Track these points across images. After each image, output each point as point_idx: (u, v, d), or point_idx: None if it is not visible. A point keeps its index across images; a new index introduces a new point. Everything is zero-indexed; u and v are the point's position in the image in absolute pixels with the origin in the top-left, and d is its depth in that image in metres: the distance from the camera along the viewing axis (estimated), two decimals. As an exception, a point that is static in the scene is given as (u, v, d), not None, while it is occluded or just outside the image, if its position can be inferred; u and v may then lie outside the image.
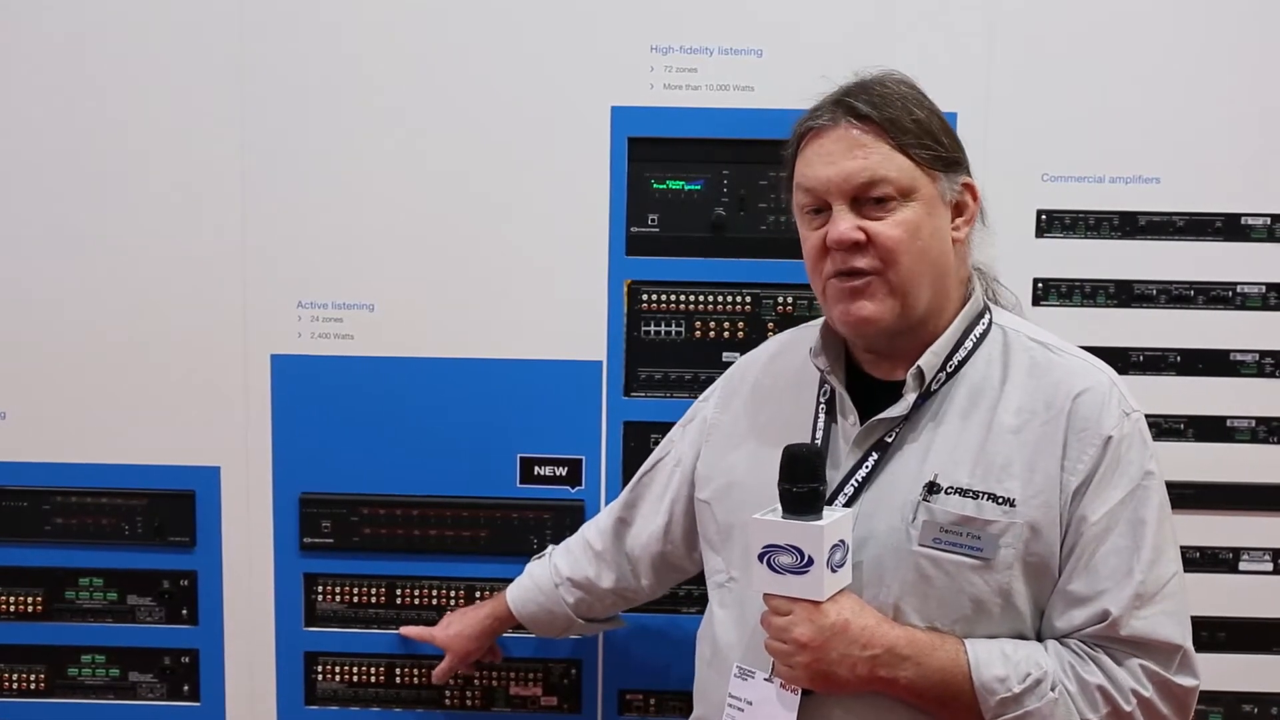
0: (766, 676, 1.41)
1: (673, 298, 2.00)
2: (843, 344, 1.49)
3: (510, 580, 2.02)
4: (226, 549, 2.05)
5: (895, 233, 1.36)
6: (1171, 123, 1.95)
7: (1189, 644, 1.35)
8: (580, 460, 2.03)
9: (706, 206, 1.99)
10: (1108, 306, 1.99)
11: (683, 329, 2.01)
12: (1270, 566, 2.01)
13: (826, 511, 1.33)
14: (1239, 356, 1.98)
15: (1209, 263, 1.97)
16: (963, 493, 1.35)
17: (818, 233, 1.40)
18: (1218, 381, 1.98)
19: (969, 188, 1.44)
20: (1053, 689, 1.31)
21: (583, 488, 2.03)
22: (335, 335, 2.02)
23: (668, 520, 1.70)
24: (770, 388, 1.58)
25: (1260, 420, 1.99)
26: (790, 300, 2.00)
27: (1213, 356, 1.98)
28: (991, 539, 1.34)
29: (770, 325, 2.00)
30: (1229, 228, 1.97)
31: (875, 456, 1.40)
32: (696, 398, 1.99)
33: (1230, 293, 1.98)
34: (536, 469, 2.03)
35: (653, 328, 2.01)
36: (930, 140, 1.38)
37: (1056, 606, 1.36)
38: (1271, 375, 1.98)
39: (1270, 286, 1.98)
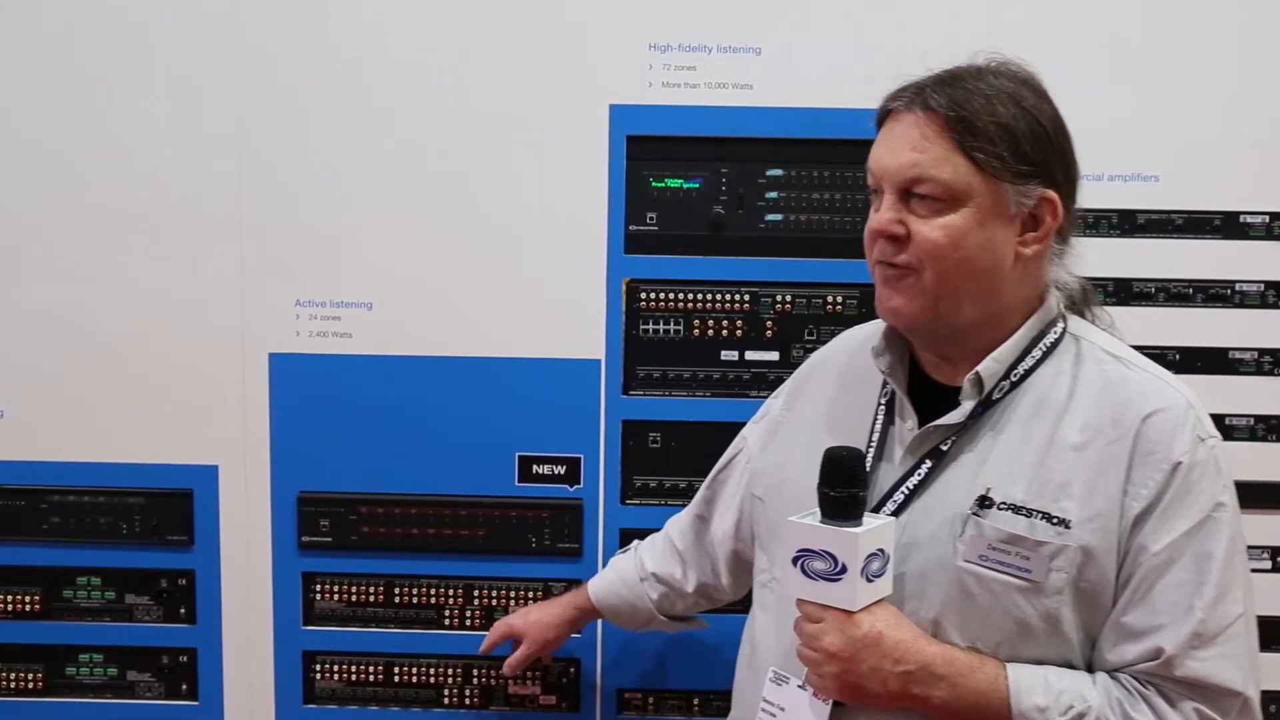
0: (800, 684, 1.36)
1: (671, 296, 2.00)
2: (907, 345, 1.43)
3: (510, 579, 2.03)
4: (224, 548, 2.05)
5: (935, 235, 1.29)
6: (1170, 121, 1.95)
7: (1252, 692, 1.26)
8: (579, 459, 2.02)
9: (705, 205, 1.99)
10: (1107, 304, 1.96)
11: (681, 327, 2.01)
12: (1269, 565, 2.01)
13: (867, 518, 1.28)
14: (1238, 355, 1.98)
15: (1208, 261, 1.97)
16: (1016, 509, 1.28)
17: (872, 216, 1.35)
18: (1217, 380, 1.98)
19: (1047, 201, 1.31)
20: None
21: (581, 486, 2.02)
22: (333, 334, 2.02)
23: (738, 517, 1.66)
24: (834, 385, 1.52)
25: (1259, 418, 1.99)
26: (789, 299, 2.00)
27: (1212, 355, 1.98)
28: (1042, 561, 1.26)
29: (769, 324, 2.00)
30: (1228, 226, 1.97)
31: (929, 464, 1.34)
32: (694, 396, 2.00)
33: (1229, 291, 1.98)
34: (535, 468, 2.03)
35: (651, 326, 2.01)
36: (1004, 146, 1.28)
37: (1108, 638, 1.29)
38: (1270, 373, 1.98)
39: (1269, 285, 1.97)
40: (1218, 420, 1.96)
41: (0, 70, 1.97)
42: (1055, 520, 1.27)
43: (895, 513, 1.33)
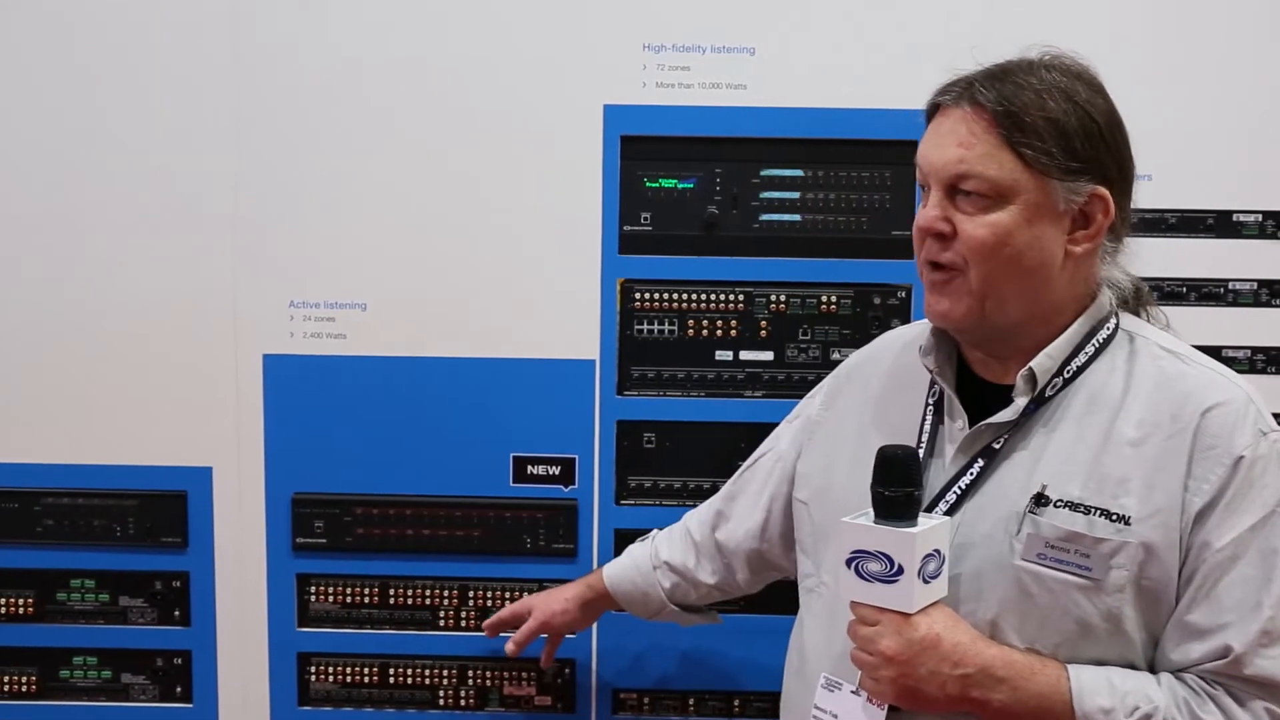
0: (854, 689, 1.34)
1: (666, 296, 2.00)
2: (954, 344, 1.41)
3: (505, 580, 2.02)
4: (219, 550, 2.04)
5: (980, 233, 1.27)
6: (1163, 120, 1.95)
7: None
8: (574, 459, 2.02)
9: (699, 205, 1.99)
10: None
11: (676, 327, 2.01)
12: (1263, 563, 2.01)
13: (922, 518, 1.26)
14: (1231, 354, 1.98)
15: (1201, 260, 1.98)
16: (1073, 506, 1.26)
17: (920, 213, 1.33)
18: (1210, 378, 1.98)
19: (1099, 198, 1.29)
20: None
21: (576, 487, 2.02)
22: (328, 335, 2.01)
23: (765, 517, 1.64)
24: (878, 387, 1.50)
25: (1253, 417, 1.99)
26: (783, 298, 2.00)
27: (1205, 353, 1.97)
28: (1102, 558, 1.24)
29: (763, 324, 2.00)
30: (1221, 225, 1.97)
31: (981, 463, 1.32)
32: (689, 396, 2.00)
33: (1223, 290, 1.98)
34: (530, 468, 2.02)
35: (646, 326, 2.01)
36: (1054, 142, 1.26)
37: (1172, 637, 1.26)
38: (1264, 371, 1.98)
39: (1262, 283, 1.98)
40: (1212, 418, 1.98)
41: (-8, 71, 1.97)
42: (1115, 517, 1.25)
43: (948, 513, 1.31)
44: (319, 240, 1.99)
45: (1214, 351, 1.95)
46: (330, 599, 2.06)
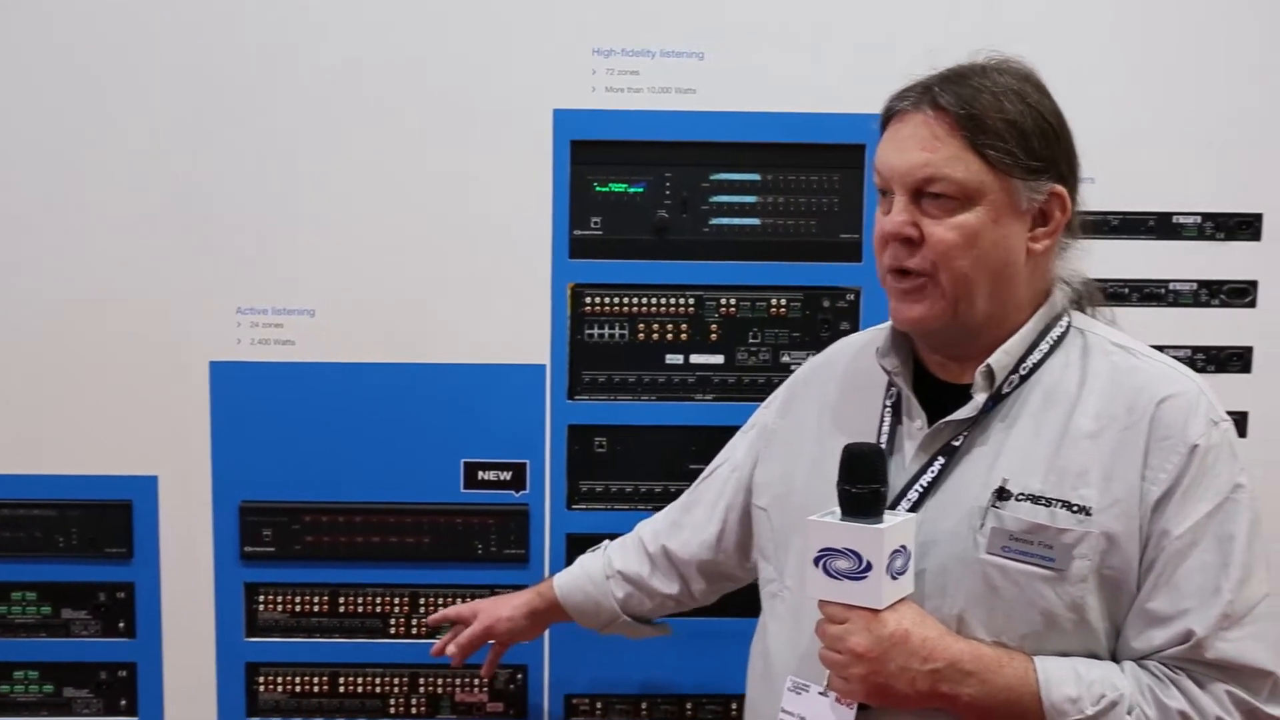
0: (821, 690, 1.34)
1: (616, 300, 2.00)
2: (911, 346, 1.42)
3: (456, 586, 2.01)
4: (165, 559, 2.01)
5: (949, 236, 1.28)
6: (1105, 124, 1.97)
7: None
8: (524, 464, 2.02)
9: (649, 209, 2.00)
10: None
11: (626, 331, 2.01)
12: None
13: (888, 515, 1.27)
14: (1172, 353, 1.99)
15: (1142, 261, 2.01)
16: (1035, 499, 1.28)
17: (882, 219, 1.34)
18: (1152, 378, 2.02)
19: (1057, 196, 1.32)
20: (1129, 713, 1.23)
21: (527, 492, 2.02)
22: (276, 341, 2.00)
23: (721, 528, 1.64)
24: (835, 391, 1.51)
25: (1194, 415, 2.02)
26: (733, 302, 2.01)
27: (1149, 352, 2.02)
28: (1065, 549, 1.26)
29: (713, 327, 2.01)
30: (1161, 226, 2.01)
31: (942, 461, 1.33)
32: (640, 400, 2.00)
33: (1163, 290, 2.02)
34: (480, 474, 2.02)
35: (596, 330, 2.01)
36: (1014, 142, 1.29)
37: (1134, 625, 1.28)
38: (1204, 370, 2.01)
39: (1201, 284, 2.02)
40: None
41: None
42: (1075, 508, 1.27)
43: (911, 510, 1.32)
44: (267, 246, 1.98)
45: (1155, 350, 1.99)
46: (279, 608, 2.03)
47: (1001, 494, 1.29)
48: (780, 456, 1.53)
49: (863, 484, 1.25)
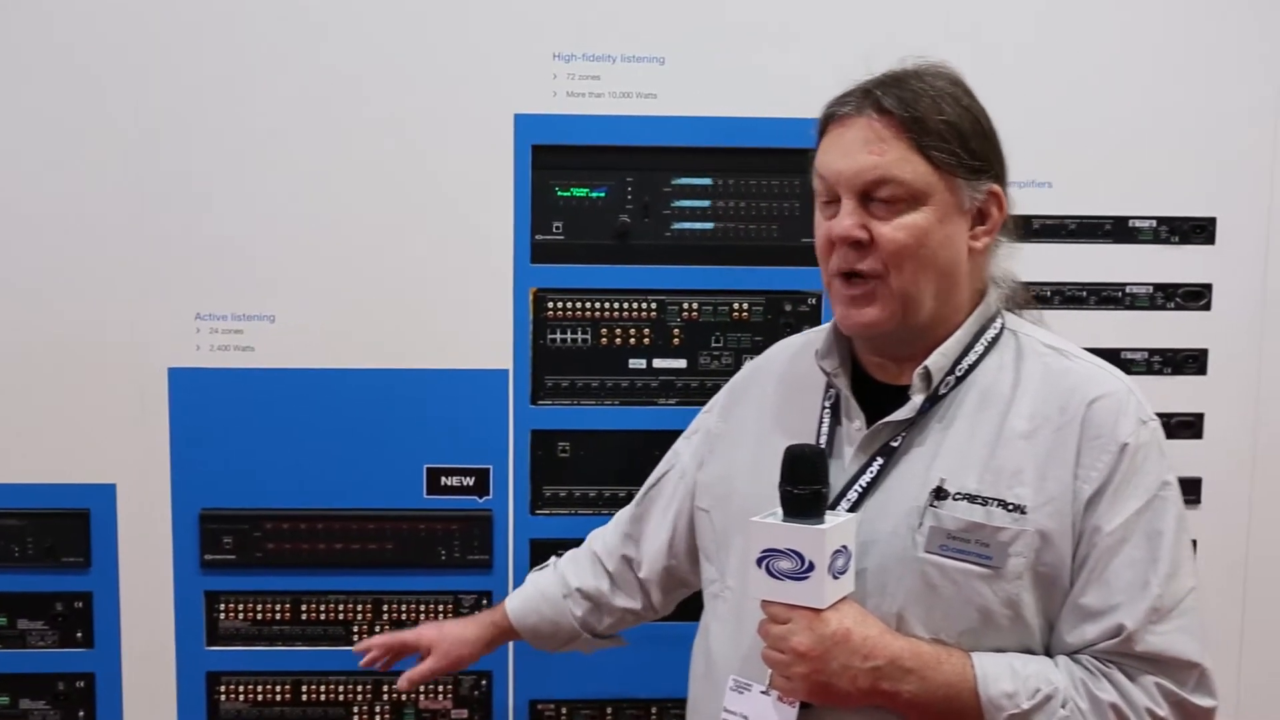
0: (763, 689, 1.35)
1: (578, 305, 2.00)
2: (849, 348, 1.44)
3: (419, 593, 2.00)
4: (123, 568, 1.99)
5: (899, 236, 1.30)
6: (1062, 129, 2.01)
7: (1207, 662, 1.29)
8: (488, 470, 2.01)
9: (611, 213, 2.00)
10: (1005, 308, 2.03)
11: (589, 336, 2.01)
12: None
13: (829, 516, 1.28)
14: (1129, 355, 2.04)
15: (1099, 265, 2.04)
16: (971, 499, 1.30)
17: (827, 224, 1.35)
18: (1110, 380, 2.04)
19: (995, 196, 1.37)
20: (1063, 706, 1.25)
21: (490, 497, 2.01)
22: (235, 347, 1.98)
23: (671, 534, 1.64)
24: (774, 393, 1.53)
25: (1151, 417, 2.05)
26: (696, 306, 2.01)
27: (1104, 356, 2.00)
28: (1001, 547, 1.28)
29: (676, 331, 2.01)
30: (1117, 231, 2.03)
31: (880, 461, 1.35)
32: (603, 405, 2.00)
33: (1120, 293, 2.04)
34: (443, 479, 2.01)
35: (559, 335, 2.01)
36: (956, 143, 1.32)
37: (1067, 620, 1.31)
38: (1160, 372, 2.04)
39: (1157, 287, 2.04)
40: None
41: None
42: (1011, 507, 1.29)
43: (850, 510, 1.33)
44: (226, 251, 1.96)
45: (1112, 353, 2.02)
46: (240, 616, 2.02)
47: (939, 494, 1.32)
48: (722, 458, 1.54)
49: (804, 485, 1.27)
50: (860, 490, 1.35)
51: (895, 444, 1.36)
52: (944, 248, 1.33)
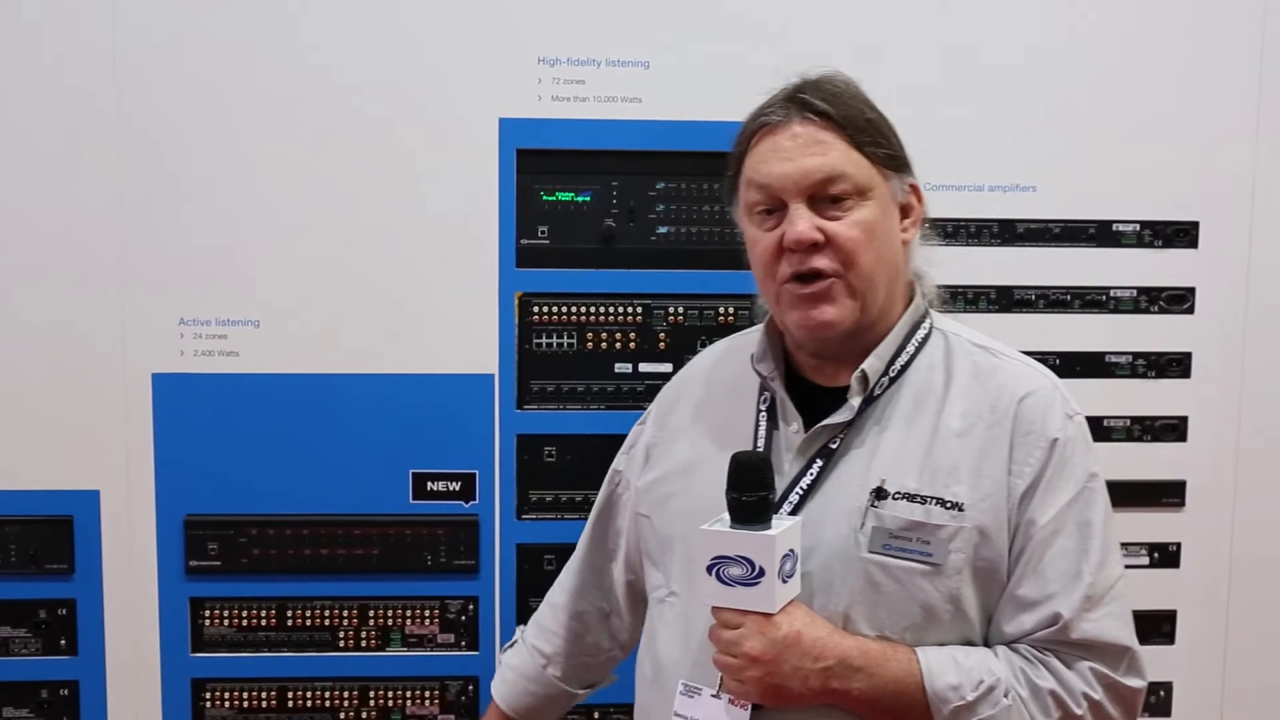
0: (714, 692, 1.36)
1: (564, 309, 2.00)
2: (782, 350, 1.45)
3: (406, 598, 2.00)
4: (107, 575, 1.98)
5: (854, 233, 1.32)
6: (1047, 133, 2.02)
7: (1136, 645, 1.34)
8: (474, 475, 2.01)
9: (596, 218, 2.00)
10: (989, 312, 2.04)
11: (575, 340, 2.01)
12: (1148, 560, 2.08)
13: (775, 520, 1.29)
14: (1114, 358, 2.05)
15: (1084, 268, 2.04)
16: (910, 498, 1.33)
17: (772, 234, 1.35)
18: (1094, 383, 2.05)
19: (915, 189, 1.42)
20: (1005, 695, 1.29)
21: (476, 502, 2.01)
22: (220, 353, 1.97)
23: (626, 550, 1.63)
24: (706, 398, 1.53)
25: (1135, 419, 2.06)
26: (681, 310, 2.01)
27: (1089, 359, 2.05)
28: (941, 544, 1.31)
29: (661, 335, 2.01)
30: (1101, 234, 2.04)
31: (820, 463, 1.36)
32: (589, 409, 2.00)
33: (1104, 297, 2.05)
34: (429, 484, 2.01)
35: (544, 340, 2.01)
36: (883, 139, 1.36)
37: (1005, 611, 1.34)
38: (1144, 376, 2.05)
39: (1141, 290, 2.05)
40: (1095, 422, 2.05)
41: None
42: (949, 504, 1.32)
43: (792, 514, 1.34)
44: (210, 255, 1.96)
45: (1097, 356, 2.03)
46: (225, 623, 2.01)
47: (879, 494, 1.34)
48: (660, 466, 1.54)
49: (752, 492, 1.28)
50: (801, 493, 1.36)
51: (834, 446, 1.37)
52: (889, 239, 1.37)
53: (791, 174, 1.33)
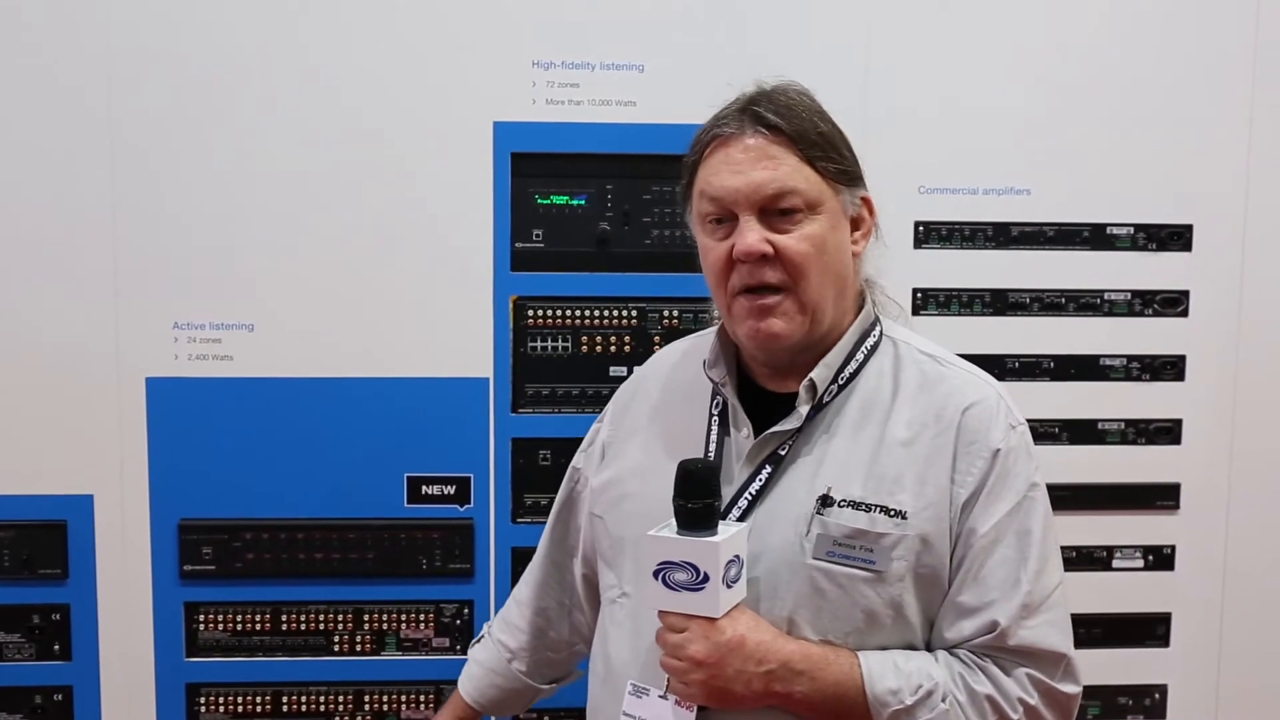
0: (661, 693, 1.39)
1: (558, 313, 2.00)
2: (735, 355, 1.47)
3: (400, 602, 2.00)
4: (102, 580, 1.98)
5: (803, 247, 1.34)
6: (1040, 137, 2.02)
7: (1072, 652, 1.36)
8: (468, 478, 2.01)
9: (591, 221, 2.00)
10: (984, 315, 2.04)
11: (569, 344, 2.01)
12: (1141, 563, 2.08)
13: (721, 526, 1.32)
14: (1108, 361, 2.05)
15: (1078, 271, 2.05)
16: (855, 505, 1.34)
17: (723, 244, 1.36)
18: (1089, 386, 2.05)
19: (866, 202, 1.43)
20: (943, 700, 1.31)
21: (471, 506, 2.01)
22: (214, 356, 1.97)
23: (584, 547, 1.64)
24: (662, 400, 1.54)
25: (1129, 422, 2.06)
26: (675, 313, 2.01)
27: (1083, 362, 2.05)
28: (884, 551, 1.33)
29: (656, 339, 2.01)
30: (1095, 237, 2.04)
31: (769, 470, 1.38)
32: (584, 413, 2.00)
33: (1098, 300, 2.05)
34: (424, 488, 2.01)
35: (539, 343, 2.01)
36: (835, 153, 1.37)
37: (946, 617, 1.36)
38: (1138, 379, 2.05)
39: (1135, 293, 2.05)
40: (1089, 425, 2.06)
41: None
42: (893, 513, 1.34)
43: (740, 519, 1.37)
44: (204, 259, 1.95)
45: (1091, 360, 2.03)
46: (220, 627, 2.01)
47: (825, 501, 1.36)
48: (613, 467, 1.56)
49: (697, 499, 1.30)
50: (750, 498, 1.38)
51: (783, 453, 1.39)
52: (839, 253, 1.38)
53: (742, 187, 1.34)
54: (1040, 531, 1.36)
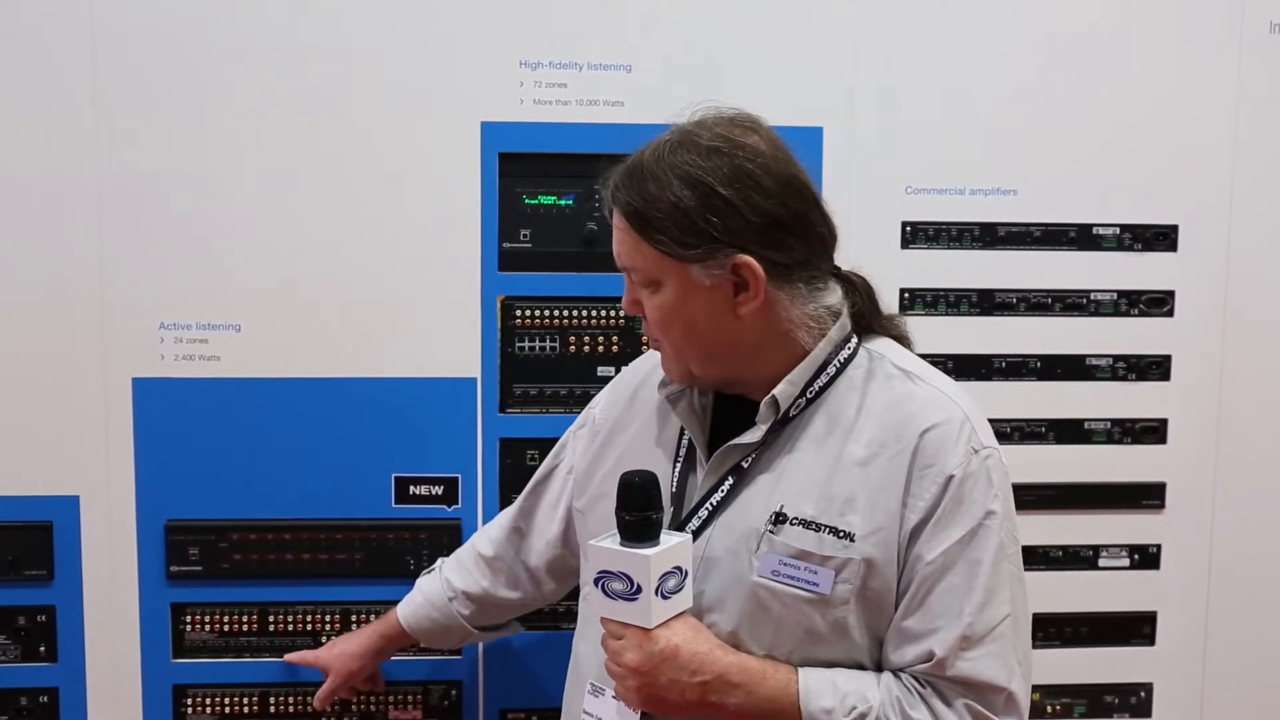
0: (613, 694, 1.42)
1: (546, 313, 2.00)
2: None
3: (388, 602, 1.99)
4: (87, 581, 1.97)
5: (654, 315, 1.38)
6: (1027, 137, 2.03)
7: (1016, 686, 1.33)
8: (456, 479, 2.01)
9: (578, 221, 2.00)
10: (971, 315, 2.05)
11: (557, 344, 2.01)
12: (1128, 562, 2.09)
13: (665, 536, 1.33)
14: (1094, 361, 2.06)
15: (1064, 271, 2.05)
16: (806, 524, 1.34)
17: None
18: (1075, 385, 2.06)
19: (744, 265, 1.31)
20: None
21: (459, 506, 2.01)
22: (200, 357, 1.96)
23: (564, 527, 1.69)
24: (647, 400, 1.55)
25: (1115, 422, 2.07)
26: (664, 314, 2.01)
27: (1070, 361, 2.06)
28: (828, 574, 1.33)
29: (643, 339, 2.01)
30: (1082, 238, 2.05)
31: (731, 481, 1.39)
32: (571, 413, 2.00)
33: (1085, 300, 2.06)
34: (412, 488, 2.00)
35: (527, 344, 2.00)
36: (681, 230, 1.31)
37: (891, 641, 1.36)
38: (1124, 378, 2.06)
39: (1121, 293, 2.06)
40: (1076, 425, 2.07)
41: None
42: (841, 534, 1.33)
43: (700, 528, 1.38)
44: (190, 259, 1.94)
45: (1077, 360, 2.04)
46: (207, 628, 2.00)
47: (778, 518, 1.36)
48: (598, 459, 1.57)
49: (635, 512, 1.33)
50: (710, 509, 1.39)
51: (745, 465, 1.39)
52: (698, 319, 1.35)
53: (615, 254, 1.41)
54: (991, 562, 1.32)
